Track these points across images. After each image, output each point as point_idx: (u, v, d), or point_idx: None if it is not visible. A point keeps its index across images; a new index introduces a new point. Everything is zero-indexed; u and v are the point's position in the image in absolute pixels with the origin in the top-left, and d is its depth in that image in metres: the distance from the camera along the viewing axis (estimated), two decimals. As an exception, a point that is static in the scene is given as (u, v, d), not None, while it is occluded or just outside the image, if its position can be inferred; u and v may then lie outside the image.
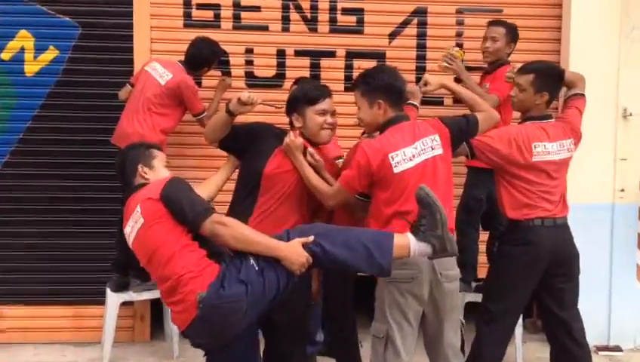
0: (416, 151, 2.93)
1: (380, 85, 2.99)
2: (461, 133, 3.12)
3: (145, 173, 2.84)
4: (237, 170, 3.25)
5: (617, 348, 4.57)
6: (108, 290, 4.23)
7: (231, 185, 3.24)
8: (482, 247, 4.34)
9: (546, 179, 3.33)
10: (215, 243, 2.62)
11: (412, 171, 2.91)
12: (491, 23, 4.24)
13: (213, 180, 3.25)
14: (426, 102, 3.95)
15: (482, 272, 4.05)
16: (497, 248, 3.54)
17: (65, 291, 4.48)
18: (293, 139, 3.01)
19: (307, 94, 3.11)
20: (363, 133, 3.46)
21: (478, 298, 3.73)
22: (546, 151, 3.32)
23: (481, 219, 4.24)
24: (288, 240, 2.58)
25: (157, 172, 2.86)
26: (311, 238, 2.56)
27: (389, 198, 2.90)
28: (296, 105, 3.11)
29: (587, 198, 4.44)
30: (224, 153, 3.31)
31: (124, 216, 2.74)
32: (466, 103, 3.29)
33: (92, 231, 4.46)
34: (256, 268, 2.53)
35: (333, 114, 3.12)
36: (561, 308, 3.39)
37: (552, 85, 3.40)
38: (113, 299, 4.21)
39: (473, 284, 4.24)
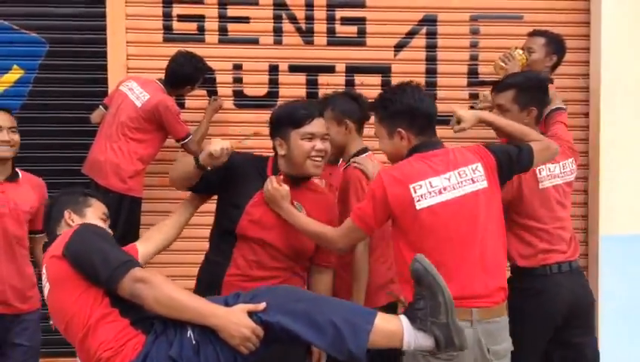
0: (448, 184, 2.36)
1: (399, 110, 2.46)
2: (511, 163, 2.52)
3: (72, 220, 2.30)
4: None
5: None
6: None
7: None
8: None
9: (560, 211, 2.92)
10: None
11: (442, 208, 2.34)
12: (530, 34, 3.72)
13: (170, 223, 2.66)
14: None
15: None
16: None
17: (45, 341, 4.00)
18: (276, 186, 2.49)
19: (292, 114, 2.58)
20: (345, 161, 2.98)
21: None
22: (551, 174, 2.91)
23: None
24: (229, 305, 2.04)
25: (87, 222, 2.31)
26: (261, 306, 2.01)
27: (413, 242, 2.33)
28: (279, 127, 2.60)
29: (625, 228, 4.03)
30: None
31: None
32: (513, 136, 2.71)
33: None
34: (193, 342, 1.99)
35: (324, 138, 2.58)
36: None
37: (537, 98, 2.94)
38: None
39: None
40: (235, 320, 1.98)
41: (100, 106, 3.97)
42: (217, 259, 2.57)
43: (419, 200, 2.33)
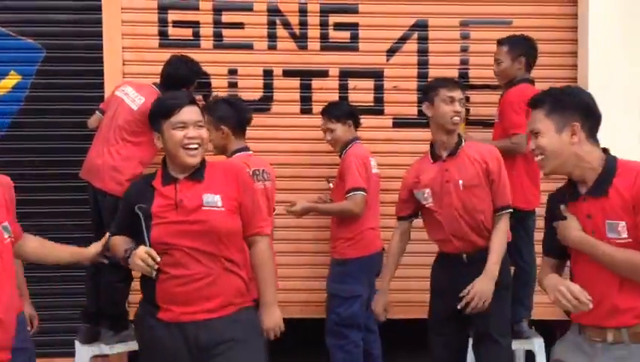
0: None
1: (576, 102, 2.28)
2: None
3: None
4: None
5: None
6: (77, 342, 3.81)
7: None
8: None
9: None
10: None
11: None
12: (497, 43, 3.92)
13: (52, 249, 2.71)
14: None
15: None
16: None
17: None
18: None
19: (161, 106, 2.56)
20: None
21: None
22: None
23: None
24: None
25: None
26: None
27: None
28: (154, 122, 2.56)
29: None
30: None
31: None
32: None
33: (59, 274, 4.05)
34: None
35: (197, 126, 2.51)
36: None
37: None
38: (83, 352, 3.79)
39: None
40: None
41: (97, 111, 3.97)
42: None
43: None
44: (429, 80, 4.19)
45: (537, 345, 3.85)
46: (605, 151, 2.27)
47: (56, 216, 4.14)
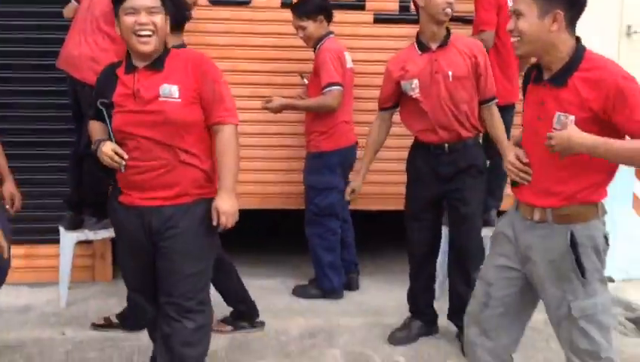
0: None
1: None
2: None
3: None
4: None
5: (610, 279, 4.32)
6: (61, 229, 3.94)
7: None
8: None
9: None
10: None
11: None
12: None
13: None
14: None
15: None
16: None
17: (16, 230, 4.09)
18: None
19: None
20: None
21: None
22: None
23: None
24: None
25: None
26: None
27: None
28: (115, 8, 2.53)
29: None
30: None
31: None
32: None
33: (43, 165, 4.13)
34: None
35: (150, 12, 2.44)
36: None
37: None
38: (67, 238, 3.92)
39: None
40: None
41: (73, 0, 3.88)
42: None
43: None
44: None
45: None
46: (578, 40, 2.27)
47: (36, 107, 4.14)
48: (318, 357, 3.40)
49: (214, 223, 2.54)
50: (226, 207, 2.53)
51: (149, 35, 2.45)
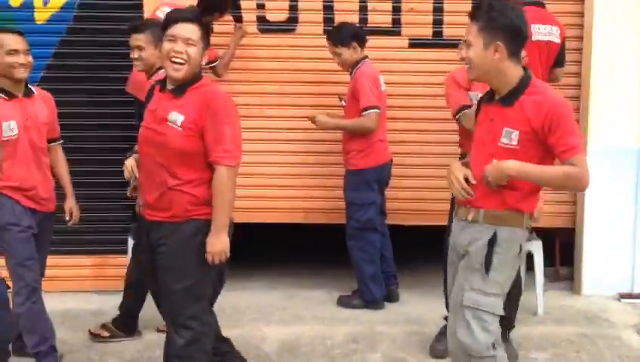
0: None
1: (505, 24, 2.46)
2: None
3: None
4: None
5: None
6: (129, 239, 4.21)
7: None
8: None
9: None
10: None
11: None
12: None
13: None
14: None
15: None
16: None
17: (87, 241, 4.52)
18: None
19: (165, 19, 2.74)
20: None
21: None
22: None
23: None
24: None
25: None
26: None
27: None
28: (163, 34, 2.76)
29: (612, 141, 4.39)
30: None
31: None
32: None
33: (113, 180, 4.39)
34: None
35: (188, 43, 2.63)
36: None
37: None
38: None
39: None
40: None
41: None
42: None
43: None
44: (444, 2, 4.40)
45: (536, 246, 4.20)
46: (525, 69, 2.53)
47: (107, 128, 4.49)
48: (360, 360, 3.64)
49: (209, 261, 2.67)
50: (215, 249, 2.64)
51: (181, 64, 2.62)
